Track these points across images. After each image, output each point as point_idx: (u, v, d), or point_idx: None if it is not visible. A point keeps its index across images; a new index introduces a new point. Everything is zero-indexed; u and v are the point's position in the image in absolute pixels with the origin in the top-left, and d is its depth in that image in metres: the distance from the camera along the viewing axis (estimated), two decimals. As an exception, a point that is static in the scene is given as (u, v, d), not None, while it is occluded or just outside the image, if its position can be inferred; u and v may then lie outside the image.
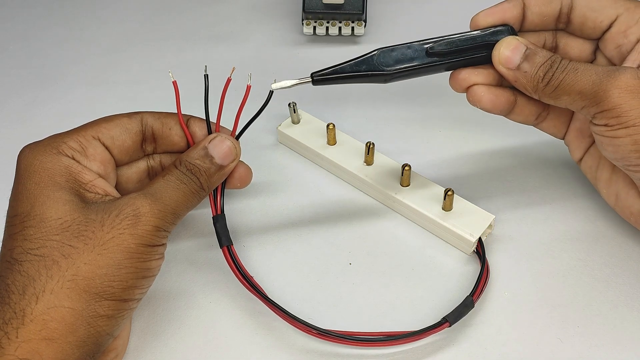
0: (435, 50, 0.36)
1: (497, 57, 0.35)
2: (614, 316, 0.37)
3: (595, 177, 0.39)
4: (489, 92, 0.36)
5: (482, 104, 0.37)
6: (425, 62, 0.36)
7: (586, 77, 0.33)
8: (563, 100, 0.34)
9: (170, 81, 0.37)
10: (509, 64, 0.35)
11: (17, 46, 0.57)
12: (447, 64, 0.37)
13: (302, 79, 0.36)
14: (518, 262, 0.39)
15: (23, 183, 0.32)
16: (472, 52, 0.36)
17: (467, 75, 0.37)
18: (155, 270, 0.33)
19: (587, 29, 0.37)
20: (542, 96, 0.35)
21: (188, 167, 0.35)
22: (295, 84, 0.36)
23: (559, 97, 0.34)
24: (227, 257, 0.36)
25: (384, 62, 0.36)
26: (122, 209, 0.31)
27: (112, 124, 0.36)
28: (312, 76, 0.36)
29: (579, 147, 0.40)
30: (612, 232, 0.40)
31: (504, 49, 0.35)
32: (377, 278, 0.39)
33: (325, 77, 0.36)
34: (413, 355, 0.35)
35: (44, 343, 0.28)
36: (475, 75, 0.37)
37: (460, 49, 0.36)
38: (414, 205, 0.41)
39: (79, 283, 0.29)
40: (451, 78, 0.37)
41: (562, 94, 0.34)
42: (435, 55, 0.36)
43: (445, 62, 0.36)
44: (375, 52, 0.36)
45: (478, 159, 0.46)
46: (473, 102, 0.37)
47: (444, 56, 0.36)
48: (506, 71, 0.35)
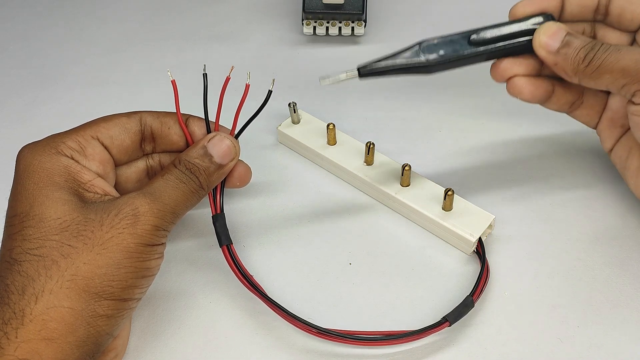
0: (477, 39, 0.36)
1: (538, 41, 0.36)
2: (614, 316, 0.37)
3: (625, 167, 0.39)
4: (529, 83, 0.37)
5: (523, 96, 0.37)
6: (467, 51, 0.36)
7: (630, 55, 0.33)
8: (604, 79, 0.34)
9: (169, 80, 0.37)
10: (549, 47, 0.35)
11: (17, 46, 0.57)
12: (489, 53, 0.37)
13: (349, 72, 0.36)
14: (518, 262, 0.39)
15: (22, 183, 0.32)
16: (513, 39, 0.36)
17: (508, 65, 0.37)
18: (155, 269, 0.33)
19: (624, 21, 0.37)
20: (582, 77, 0.35)
21: (187, 166, 0.35)
22: (343, 79, 0.36)
23: (601, 77, 0.34)
24: (227, 256, 0.36)
25: (427, 53, 0.36)
26: (121, 208, 0.31)
27: (111, 123, 0.36)
28: (359, 70, 0.36)
29: (610, 136, 0.40)
30: (612, 232, 0.40)
31: (544, 33, 0.35)
32: (377, 278, 0.39)
33: (372, 71, 0.36)
34: (413, 355, 0.35)
35: (44, 343, 0.28)
36: (516, 65, 0.37)
37: (501, 37, 0.36)
38: (414, 205, 0.41)
39: (78, 283, 0.29)
40: (492, 69, 0.37)
41: (604, 72, 0.34)
42: (477, 44, 0.36)
43: (487, 51, 0.36)
44: (419, 44, 0.37)
45: (478, 159, 0.46)
46: (513, 94, 0.37)
47: (486, 45, 0.36)
48: (546, 54, 0.35)
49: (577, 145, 0.46)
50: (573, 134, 0.46)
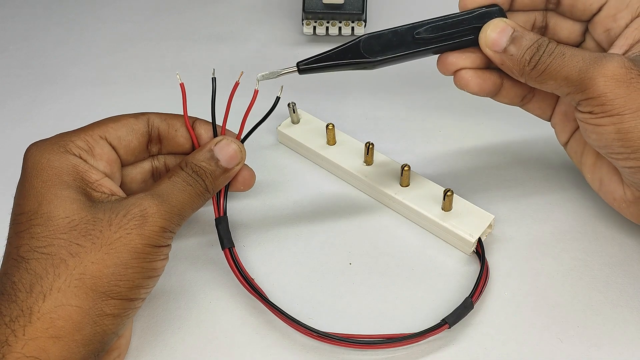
0: (421, 35, 0.36)
1: (484, 40, 0.35)
2: (614, 316, 0.37)
3: (581, 162, 0.39)
4: (475, 76, 0.36)
5: (469, 88, 0.36)
6: (411, 48, 0.36)
7: (573, 63, 0.33)
8: (549, 85, 0.34)
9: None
10: (495, 46, 0.35)
11: (17, 46, 0.57)
12: (434, 49, 0.36)
13: (288, 68, 0.36)
14: (518, 262, 0.39)
15: (30, 181, 0.32)
16: (459, 35, 0.36)
17: (454, 59, 0.36)
18: (160, 270, 0.33)
19: (576, 11, 0.37)
20: (528, 80, 0.35)
21: (194, 169, 0.35)
22: (280, 73, 0.36)
23: (545, 82, 0.34)
24: (229, 259, 0.37)
25: (370, 49, 0.35)
26: (129, 209, 0.31)
27: (119, 124, 0.36)
28: (298, 65, 0.36)
29: (564, 130, 0.39)
30: (612, 232, 0.40)
31: (491, 31, 0.35)
32: (377, 278, 0.39)
33: (312, 66, 0.36)
34: (413, 355, 0.35)
35: (51, 341, 0.28)
36: (462, 59, 0.36)
37: (448, 33, 0.36)
38: (413, 206, 0.41)
39: (86, 282, 0.30)
40: (439, 62, 0.37)
41: (548, 78, 0.34)
42: (422, 40, 0.36)
43: (432, 47, 0.36)
44: (361, 39, 0.35)
45: (478, 159, 0.46)
46: (460, 86, 0.37)
47: (431, 41, 0.36)
48: (493, 54, 0.35)
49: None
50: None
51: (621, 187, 0.36)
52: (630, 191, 0.36)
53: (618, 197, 0.37)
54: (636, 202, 0.36)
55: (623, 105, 0.32)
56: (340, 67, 0.36)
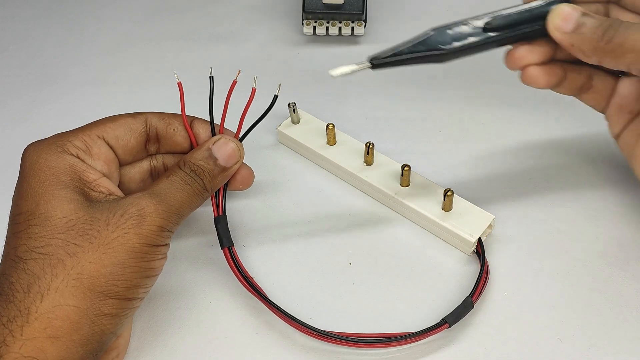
0: (492, 25, 0.36)
1: (552, 24, 0.35)
2: (614, 316, 0.37)
3: (632, 154, 0.39)
4: (543, 72, 0.36)
5: (537, 85, 0.37)
6: (482, 38, 0.36)
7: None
8: (627, 58, 0.33)
9: (172, 81, 0.37)
10: (564, 28, 0.34)
11: (17, 46, 0.57)
12: (504, 39, 0.36)
13: (361, 63, 0.35)
14: (518, 262, 0.39)
15: (27, 181, 0.32)
16: (528, 24, 0.36)
17: (523, 54, 0.36)
18: (158, 270, 0.33)
19: (638, 4, 0.36)
20: (602, 56, 0.34)
21: (192, 168, 0.35)
22: (354, 70, 0.35)
23: (623, 55, 0.33)
24: (228, 258, 0.37)
25: (441, 41, 0.35)
26: (127, 208, 0.31)
27: (116, 123, 0.36)
28: (371, 61, 0.35)
29: (617, 122, 0.39)
30: (612, 232, 0.40)
31: (557, 14, 0.35)
32: (377, 278, 0.39)
33: (385, 62, 0.35)
34: (412, 354, 0.35)
35: (49, 341, 0.28)
36: (530, 54, 0.36)
37: (517, 22, 0.36)
38: (413, 206, 0.41)
39: (83, 282, 0.30)
40: (507, 57, 0.37)
41: (627, 51, 0.33)
42: (492, 30, 0.36)
43: (502, 36, 0.36)
44: (431, 32, 0.36)
45: (478, 158, 0.46)
46: (528, 83, 0.37)
47: (501, 30, 0.36)
48: (561, 36, 0.34)
49: (578, 145, 0.46)
50: (573, 134, 0.47)
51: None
52: None
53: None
54: None
55: None
56: (412, 60, 0.36)
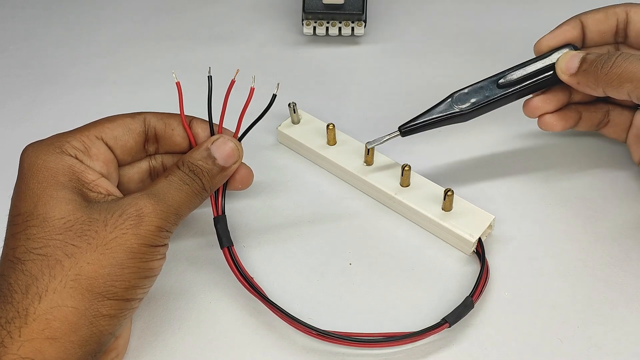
0: (505, 82, 0.39)
1: (559, 68, 0.39)
2: (614, 316, 0.37)
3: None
4: (558, 118, 0.40)
5: (554, 130, 0.41)
6: (497, 94, 0.40)
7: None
8: (625, 87, 0.35)
9: (171, 81, 0.37)
10: (569, 70, 0.38)
11: (17, 46, 0.57)
12: (518, 92, 0.40)
13: (392, 133, 0.40)
14: (518, 262, 0.39)
15: (26, 182, 0.32)
16: (539, 76, 0.39)
17: (538, 104, 0.40)
18: (157, 270, 0.33)
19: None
20: (605, 87, 0.36)
21: (191, 167, 0.35)
22: (387, 139, 0.40)
23: (622, 85, 0.35)
24: (228, 258, 0.37)
25: (460, 102, 0.40)
26: (125, 208, 0.31)
27: (115, 124, 0.36)
28: (400, 129, 0.40)
29: (637, 150, 0.42)
30: (612, 232, 0.40)
31: (563, 59, 0.39)
32: (377, 278, 0.39)
33: (413, 128, 0.40)
34: (413, 355, 0.35)
35: (47, 342, 0.28)
36: (545, 103, 0.40)
37: (528, 76, 0.39)
38: (413, 206, 0.41)
39: (82, 282, 0.30)
40: (524, 107, 0.41)
41: (624, 81, 0.35)
42: (505, 86, 0.40)
43: (516, 90, 0.39)
44: (452, 96, 0.40)
45: (478, 158, 0.46)
46: (544, 129, 0.41)
47: (514, 86, 0.39)
48: (568, 78, 0.38)
49: (578, 146, 0.46)
50: (573, 134, 0.46)
51: None
52: None
53: None
54: None
55: None
56: (437, 124, 0.40)
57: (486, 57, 0.53)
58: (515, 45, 0.53)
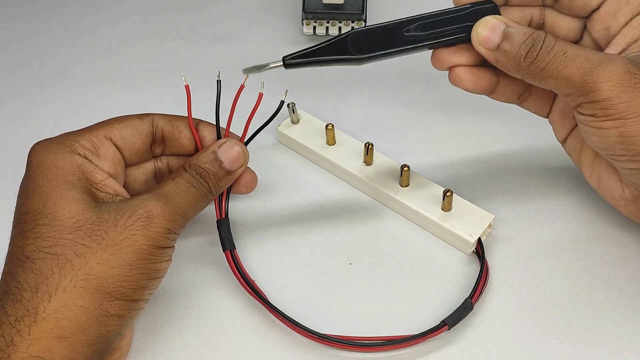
0: (412, 32, 0.35)
1: (476, 38, 0.34)
2: (614, 316, 0.37)
3: (579, 159, 0.39)
4: (470, 73, 0.35)
5: (464, 86, 0.36)
6: (400, 45, 0.35)
7: (576, 63, 0.32)
8: (549, 83, 0.33)
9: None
10: (488, 44, 0.34)
11: (17, 46, 0.57)
12: (424, 47, 0.35)
13: (274, 62, 0.35)
14: (518, 262, 0.39)
15: (35, 180, 0.32)
16: (451, 33, 0.35)
17: (448, 56, 0.35)
18: (164, 271, 0.33)
19: (575, 7, 0.36)
20: (525, 76, 0.34)
21: (197, 170, 0.35)
22: (266, 67, 0.35)
23: (545, 80, 0.33)
24: (230, 261, 0.37)
25: (357, 46, 0.34)
26: (134, 210, 0.32)
27: (123, 124, 0.36)
28: (284, 59, 0.35)
29: (562, 128, 0.39)
30: (612, 232, 0.40)
31: (482, 29, 0.34)
32: (377, 278, 0.39)
33: (297, 61, 0.35)
34: (412, 355, 0.35)
35: (56, 341, 0.29)
36: (456, 56, 0.35)
37: (439, 31, 0.35)
38: (413, 206, 0.41)
39: (91, 282, 0.30)
40: (432, 57, 0.36)
41: (548, 77, 0.33)
42: (412, 37, 0.35)
43: (422, 44, 0.35)
44: (349, 34, 0.35)
45: (478, 158, 0.46)
46: (455, 84, 0.36)
47: (421, 39, 0.35)
48: (486, 52, 0.34)
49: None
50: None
51: (620, 186, 0.36)
52: (629, 190, 0.36)
53: (617, 195, 0.37)
54: (635, 200, 0.36)
55: (627, 110, 0.32)
56: (326, 62, 0.35)
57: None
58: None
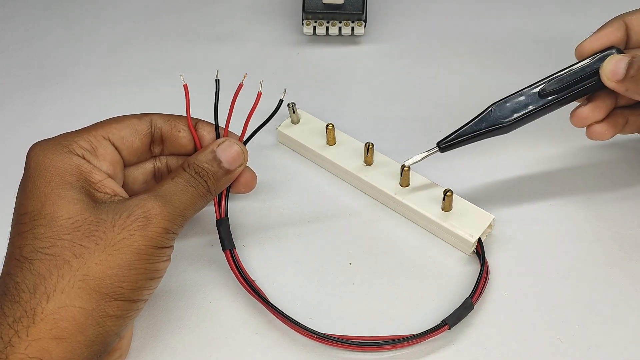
0: (547, 91, 0.38)
1: (604, 74, 0.36)
2: (614, 316, 0.37)
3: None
4: (608, 127, 0.38)
5: (603, 139, 0.39)
6: (540, 104, 0.38)
7: None
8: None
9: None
10: (615, 76, 0.36)
11: (17, 46, 0.57)
12: (561, 101, 0.38)
13: (430, 150, 0.39)
14: (518, 262, 0.39)
15: (33, 181, 0.32)
16: (583, 83, 0.37)
17: (587, 114, 0.38)
18: (163, 271, 0.33)
19: None
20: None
21: (196, 170, 0.35)
22: (425, 156, 0.39)
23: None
24: (230, 260, 0.37)
25: (500, 115, 0.38)
26: (132, 210, 0.32)
27: (122, 124, 0.36)
28: (439, 145, 0.39)
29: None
30: (612, 232, 0.40)
31: (607, 64, 0.36)
32: (377, 278, 0.39)
33: (452, 143, 0.38)
34: (412, 354, 0.35)
35: (54, 342, 0.29)
36: (593, 112, 0.38)
37: (571, 83, 0.37)
38: (413, 206, 0.41)
39: (89, 283, 0.30)
40: (572, 117, 0.39)
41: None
42: (548, 95, 0.38)
43: (559, 100, 0.38)
44: (490, 108, 0.38)
45: (478, 158, 0.46)
46: (593, 139, 0.39)
47: (557, 94, 0.38)
48: (615, 85, 0.36)
49: (577, 145, 0.46)
50: (573, 133, 0.46)
51: None
52: None
53: None
54: None
55: None
56: (477, 137, 0.38)
57: (486, 57, 0.53)
58: (516, 46, 0.53)
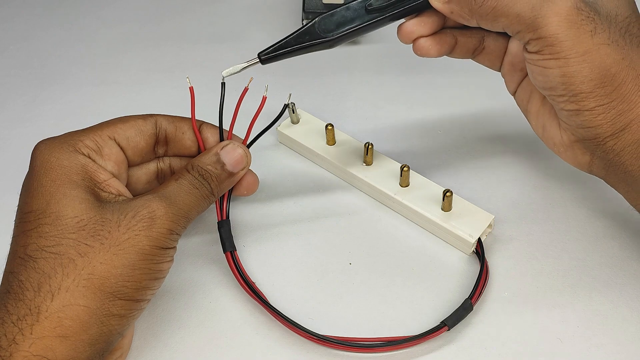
0: (374, 6, 0.36)
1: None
2: (614, 316, 0.37)
3: (527, 110, 0.39)
4: (433, 42, 0.37)
5: (430, 55, 0.37)
6: (366, 20, 0.36)
7: None
8: (500, 22, 0.34)
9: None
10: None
11: (17, 46, 0.57)
12: (388, 17, 0.37)
13: (250, 60, 0.37)
14: (518, 262, 0.39)
15: (38, 179, 0.32)
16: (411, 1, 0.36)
17: (412, 27, 0.37)
18: (166, 272, 0.33)
19: None
20: (479, 20, 0.34)
21: (200, 172, 0.35)
22: (244, 67, 0.37)
23: (496, 19, 0.34)
24: (230, 262, 0.37)
25: (325, 28, 0.36)
26: (138, 210, 0.32)
27: (127, 124, 0.36)
28: (259, 56, 0.36)
29: (512, 80, 0.40)
30: (612, 232, 0.41)
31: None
32: (377, 278, 0.39)
33: (272, 55, 0.36)
34: (412, 354, 0.35)
35: (58, 340, 0.29)
36: (419, 26, 0.37)
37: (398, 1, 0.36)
38: (413, 206, 0.41)
39: (94, 282, 0.30)
40: (398, 32, 0.37)
41: (499, 15, 0.33)
42: (375, 11, 0.36)
43: (386, 16, 0.36)
44: (315, 20, 0.36)
45: (478, 158, 0.46)
46: (420, 55, 0.37)
47: (384, 10, 0.36)
48: (441, 6, 0.35)
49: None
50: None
51: (559, 132, 0.36)
52: (566, 135, 0.36)
53: (557, 141, 0.37)
54: (572, 145, 0.36)
55: (570, 48, 0.32)
56: (300, 50, 0.36)
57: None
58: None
